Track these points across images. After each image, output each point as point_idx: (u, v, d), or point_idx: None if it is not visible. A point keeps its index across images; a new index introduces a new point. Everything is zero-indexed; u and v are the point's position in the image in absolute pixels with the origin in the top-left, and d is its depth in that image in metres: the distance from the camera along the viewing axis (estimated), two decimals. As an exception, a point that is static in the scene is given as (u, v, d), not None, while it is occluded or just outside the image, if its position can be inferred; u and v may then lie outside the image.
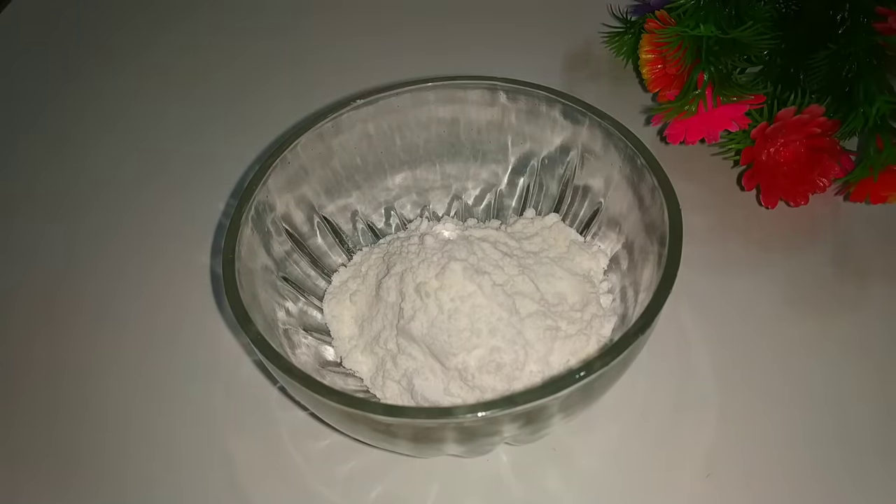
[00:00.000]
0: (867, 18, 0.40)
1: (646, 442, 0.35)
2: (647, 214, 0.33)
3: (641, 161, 0.33)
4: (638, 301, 0.32)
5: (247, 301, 0.30)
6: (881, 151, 0.38)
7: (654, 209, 0.32)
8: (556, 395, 0.26)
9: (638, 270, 0.34)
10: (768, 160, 0.41)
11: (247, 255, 0.32)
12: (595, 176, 0.37)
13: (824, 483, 0.33)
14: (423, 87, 0.37)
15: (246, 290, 0.31)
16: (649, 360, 0.37)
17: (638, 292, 0.33)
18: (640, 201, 0.34)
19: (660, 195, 0.31)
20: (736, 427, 0.35)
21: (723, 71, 0.41)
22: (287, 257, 0.36)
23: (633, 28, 0.49)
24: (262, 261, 0.34)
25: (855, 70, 0.40)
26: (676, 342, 0.38)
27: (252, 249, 0.33)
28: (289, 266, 0.36)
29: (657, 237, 0.31)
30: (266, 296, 0.33)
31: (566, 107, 0.36)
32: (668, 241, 0.30)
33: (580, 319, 0.34)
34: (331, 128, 0.36)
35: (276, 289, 0.34)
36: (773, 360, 0.37)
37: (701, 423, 0.35)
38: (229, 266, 0.31)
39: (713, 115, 0.41)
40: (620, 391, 0.36)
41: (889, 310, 0.38)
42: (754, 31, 0.41)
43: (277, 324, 0.33)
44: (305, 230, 0.38)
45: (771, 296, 0.39)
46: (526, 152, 0.39)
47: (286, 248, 0.36)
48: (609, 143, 0.35)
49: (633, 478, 0.34)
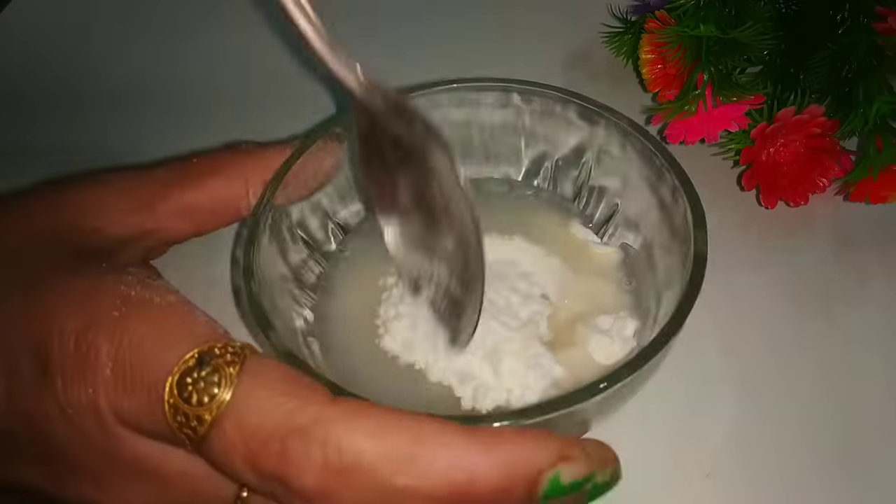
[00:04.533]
0: (867, 19, 0.41)
1: (645, 441, 0.35)
2: (667, 213, 0.33)
3: (660, 161, 0.33)
4: (662, 301, 0.32)
5: (268, 311, 0.29)
6: (881, 151, 0.38)
7: (675, 208, 0.32)
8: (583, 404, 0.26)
9: (659, 270, 0.34)
10: (768, 160, 0.41)
11: (265, 264, 0.31)
12: (611, 177, 0.37)
13: (825, 481, 0.33)
14: (436, 90, 0.37)
15: (266, 300, 0.30)
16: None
17: (660, 291, 0.33)
18: (660, 201, 0.33)
19: (682, 195, 0.31)
20: (736, 425, 0.35)
21: (723, 71, 0.41)
22: (303, 265, 0.35)
23: (633, 28, 0.49)
24: (280, 269, 0.33)
25: (855, 70, 0.40)
26: (675, 342, 0.38)
27: (270, 258, 0.32)
28: (304, 274, 0.35)
29: (680, 236, 0.31)
30: (284, 304, 0.32)
31: (581, 108, 0.35)
32: (692, 238, 0.30)
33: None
34: (343, 130, 0.35)
35: (293, 297, 0.34)
36: (773, 360, 0.37)
37: (700, 422, 0.35)
38: (248, 276, 0.30)
39: (713, 115, 0.41)
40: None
41: (890, 309, 0.38)
42: (754, 31, 0.41)
43: (297, 332, 0.32)
44: (320, 237, 0.37)
45: (771, 295, 0.39)
46: (540, 154, 0.39)
47: (302, 256, 0.35)
48: (626, 144, 0.35)
49: (632, 477, 0.34)
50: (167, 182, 0.34)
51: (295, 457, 0.22)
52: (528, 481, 0.23)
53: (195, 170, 0.34)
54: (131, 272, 0.27)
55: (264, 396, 0.23)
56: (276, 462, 0.22)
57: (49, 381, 0.24)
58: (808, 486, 0.33)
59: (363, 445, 0.22)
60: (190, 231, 0.34)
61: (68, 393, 0.24)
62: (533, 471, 0.23)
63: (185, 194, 0.33)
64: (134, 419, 0.24)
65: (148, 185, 0.33)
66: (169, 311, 0.26)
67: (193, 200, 0.33)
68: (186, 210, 0.33)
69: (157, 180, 0.34)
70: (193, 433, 0.23)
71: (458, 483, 0.22)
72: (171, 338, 0.24)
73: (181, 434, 0.23)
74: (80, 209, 0.31)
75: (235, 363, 0.23)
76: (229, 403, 0.23)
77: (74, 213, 0.31)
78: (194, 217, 0.34)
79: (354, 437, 0.22)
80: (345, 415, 0.23)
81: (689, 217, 0.31)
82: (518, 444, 0.23)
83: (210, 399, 0.23)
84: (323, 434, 0.22)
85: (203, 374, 0.23)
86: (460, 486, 0.22)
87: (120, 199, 0.32)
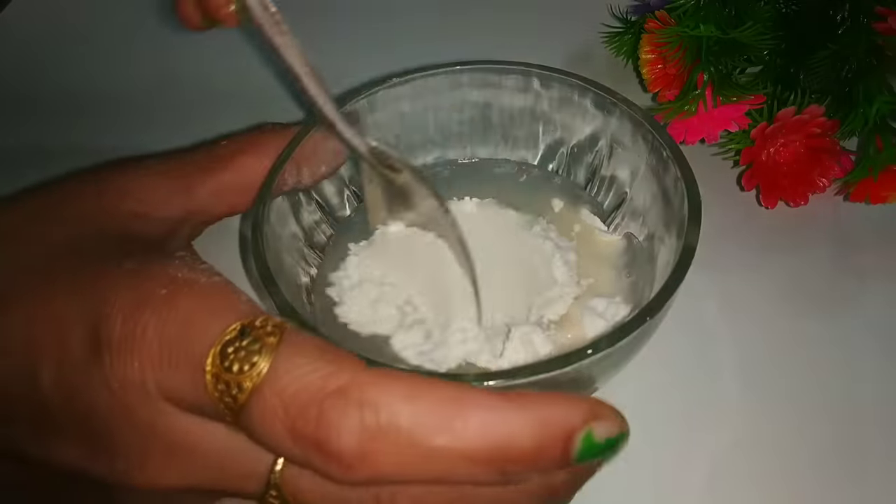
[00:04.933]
0: (867, 19, 0.41)
1: (643, 440, 0.35)
2: (669, 206, 0.33)
3: (668, 153, 0.33)
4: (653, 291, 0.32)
5: (273, 266, 0.30)
6: (881, 151, 0.38)
7: (676, 201, 0.32)
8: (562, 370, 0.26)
9: (658, 263, 0.34)
10: (768, 160, 0.41)
11: (276, 220, 0.33)
12: (622, 166, 0.37)
13: (823, 482, 0.33)
14: (459, 69, 0.38)
15: (272, 255, 0.31)
16: (647, 359, 0.37)
17: (654, 283, 0.33)
18: (663, 193, 0.34)
19: (682, 186, 0.32)
20: (735, 425, 0.35)
21: (723, 71, 0.41)
22: (316, 227, 0.37)
23: (633, 28, 0.49)
24: (291, 228, 0.35)
25: (855, 70, 0.41)
26: (675, 341, 0.38)
27: (282, 216, 0.34)
28: (316, 235, 0.37)
29: (677, 230, 0.32)
30: (292, 261, 0.34)
31: (598, 96, 0.36)
32: (685, 230, 0.30)
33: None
34: (365, 104, 0.37)
35: (302, 256, 0.35)
36: (772, 359, 0.37)
37: (699, 422, 0.35)
38: (257, 230, 0.31)
39: (713, 115, 0.41)
40: (618, 388, 0.37)
41: (889, 309, 0.39)
42: (754, 31, 0.41)
43: (302, 290, 0.34)
44: (336, 202, 0.38)
45: (770, 295, 0.39)
46: (556, 139, 0.39)
47: (315, 218, 0.37)
48: (637, 135, 0.35)
49: (631, 479, 0.34)
50: (202, 165, 0.35)
51: (333, 419, 0.22)
52: (563, 440, 0.23)
53: (225, 151, 0.35)
54: (177, 256, 0.28)
55: (302, 364, 0.23)
56: (314, 426, 0.23)
57: (98, 357, 0.25)
58: (805, 486, 0.33)
59: (399, 407, 0.23)
60: (225, 211, 0.36)
61: (115, 369, 0.25)
62: (567, 429, 0.23)
63: (219, 175, 0.35)
64: (177, 393, 0.25)
65: (185, 168, 0.35)
66: (213, 290, 0.26)
67: (227, 180, 0.35)
68: (222, 190, 0.35)
69: (192, 163, 0.35)
70: (233, 402, 0.24)
71: (496, 442, 0.23)
72: (215, 314, 0.25)
73: (221, 404, 0.24)
74: (122, 194, 0.32)
75: (275, 334, 0.24)
76: (269, 371, 0.23)
77: (117, 198, 0.32)
78: (229, 197, 0.35)
79: (390, 399, 0.23)
80: (380, 379, 0.23)
81: (686, 210, 0.31)
82: (551, 404, 0.23)
83: (250, 367, 0.23)
84: (359, 396, 0.23)
85: (244, 344, 0.24)
86: (498, 446, 0.23)
87: (161, 183, 0.34)
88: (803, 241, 0.42)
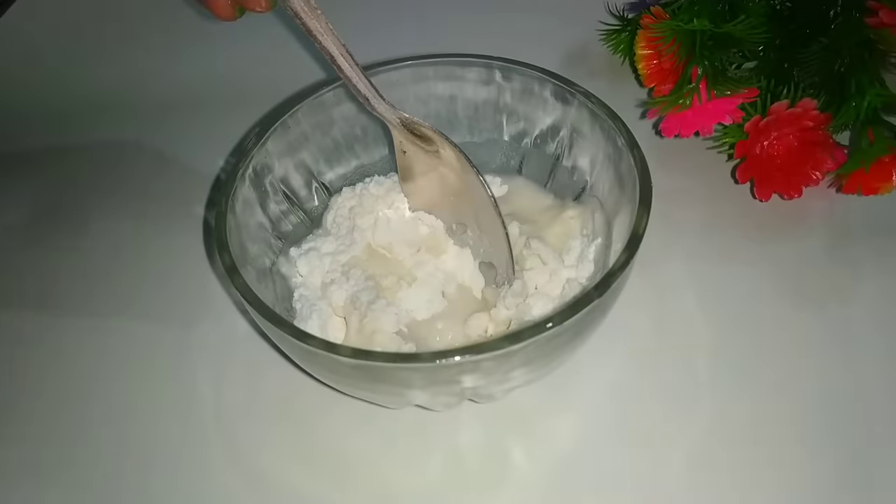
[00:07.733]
0: (859, 13, 0.41)
1: (637, 431, 0.35)
2: (623, 193, 0.34)
3: (622, 141, 0.34)
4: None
5: (235, 252, 0.32)
6: (872, 144, 0.39)
7: (628, 187, 0.33)
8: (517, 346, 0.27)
9: (612, 247, 0.35)
10: (762, 153, 0.42)
11: (242, 210, 0.34)
12: (583, 155, 0.38)
13: (816, 475, 0.33)
14: (423, 62, 0.39)
15: (235, 242, 0.32)
16: (641, 350, 0.37)
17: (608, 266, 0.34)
18: (619, 180, 0.34)
19: (635, 173, 0.32)
20: (730, 418, 0.35)
21: (717, 65, 0.42)
22: (283, 217, 0.38)
23: (630, 26, 0.50)
24: (258, 218, 0.36)
25: (847, 64, 0.41)
26: (670, 334, 0.38)
27: (249, 205, 0.35)
28: (283, 226, 0.38)
29: (628, 216, 0.32)
30: (259, 251, 0.35)
31: (557, 87, 0.37)
32: (634, 217, 0.31)
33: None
34: (332, 97, 0.38)
35: (270, 246, 0.37)
36: (766, 351, 0.37)
37: (694, 415, 0.35)
38: (221, 218, 0.32)
39: (707, 108, 0.42)
40: (614, 377, 0.37)
41: (883, 300, 0.38)
42: (747, 25, 0.42)
43: (269, 277, 0.36)
44: (303, 194, 0.40)
45: (765, 287, 0.40)
46: (520, 131, 0.40)
47: (282, 209, 0.38)
48: (595, 124, 0.36)
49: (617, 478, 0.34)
50: None
51: None
52: None
53: None
54: None
55: None
56: None
57: None
58: (801, 479, 0.33)
59: None
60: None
61: None
62: None
63: None
64: None
65: None
66: None
67: None
68: None
69: None
70: None
71: None
72: None
73: None
74: None
75: None
76: None
77: None
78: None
79: None
80: None
81: (637, 195, 0.31)
82: None
83: None
84: None
85: None
86: None
87: None
88: (797, 233, 0.42)
